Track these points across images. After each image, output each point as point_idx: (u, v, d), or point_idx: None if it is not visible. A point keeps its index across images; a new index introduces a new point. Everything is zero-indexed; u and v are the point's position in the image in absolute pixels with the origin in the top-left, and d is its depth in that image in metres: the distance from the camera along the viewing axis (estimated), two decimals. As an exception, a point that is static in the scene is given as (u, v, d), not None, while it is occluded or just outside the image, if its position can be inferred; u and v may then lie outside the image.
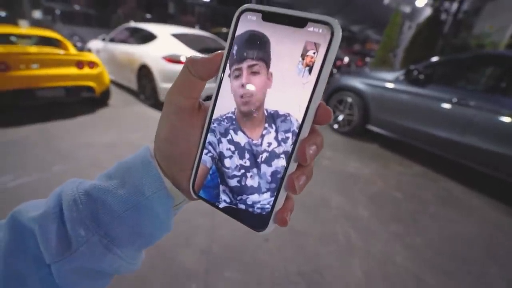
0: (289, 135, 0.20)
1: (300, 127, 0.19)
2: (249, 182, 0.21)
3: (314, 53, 0.18)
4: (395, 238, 2.02)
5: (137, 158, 0.25)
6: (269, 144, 0.20)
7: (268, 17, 0.19)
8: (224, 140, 0.22)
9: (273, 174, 0.20)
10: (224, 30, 6.87)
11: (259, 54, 0.20)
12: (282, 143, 0.20)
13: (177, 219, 1.27)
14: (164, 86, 3.79)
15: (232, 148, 0.22)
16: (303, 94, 0.18)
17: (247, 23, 0.20)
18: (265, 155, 0.21)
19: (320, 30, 0.18)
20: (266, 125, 0.20)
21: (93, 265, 0.23)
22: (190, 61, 0.22)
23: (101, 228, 0.23)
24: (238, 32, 0.21)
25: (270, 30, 0.19)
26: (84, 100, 3.76)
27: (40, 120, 3.28)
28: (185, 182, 0.24)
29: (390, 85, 3.44)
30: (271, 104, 0.20)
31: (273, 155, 0.20)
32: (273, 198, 0.21)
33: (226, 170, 0.22)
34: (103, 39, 5.44)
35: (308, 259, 1.74)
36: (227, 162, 0.22)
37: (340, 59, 8.66)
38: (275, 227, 0.22)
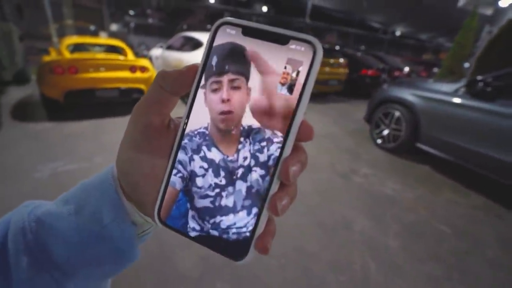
0: (270, 152, 0.18)
1: (283, 145, 0.18)
2: (224, 202, 0.19)
3: (296, 71, 0.18)
4: (429, 282, 1.67)
5: (97, 179, 0.23)
6: (246, 160, 0.19)
7: (248, 32, 0.19)
8: (196, 157, 0.20)
9: (252, 194, 0.19)
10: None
11: (240, 68, 0.19)
12: (262, 161, 0.19)
13: None
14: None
15: (206, 165, 0.20)
16: (286, 111, 0.18)
17: (226, 36, 0.19)
18: (241, 172, 0.19)
19: (303, 48, 0.17)
20: (242, 139, 0.19)
21: None
22: (161, 74, 0.21)
23: (52, 261, 0.20)
24: (215, 44, 0.20)
25: (250, 46, 0.19)
26: (135, 101, 4.17)
27: (96, 117, 3.75)
28: (151, 207, 0.21)
29: (447, 98, 2.95)
30: (249, 121, 0.19)
31: (251, 173, 0.19)
32: (251, 221, 0.19)
33: (198, 190, 0.20)
34: (161, 47, 6.01)
35: (312, 285, 1.55)
36: (199, 181, 0.20)
37: (398, 69, 7.88)
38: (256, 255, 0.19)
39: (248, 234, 0.19)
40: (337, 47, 7.32)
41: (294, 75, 0.18)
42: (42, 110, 3.79)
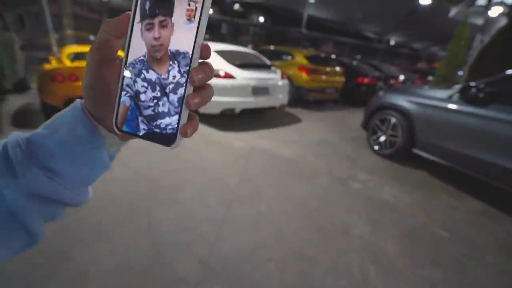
0: (186, 67, 0.25)
1: (191, 59, 0.25)
2: (161, 109, 0.26)
3: (194, 6, 0.24)
4: (428, 287, 1.67)
5: (68, 109, 0.29)
6: (174, 76, 0.26)
7: None
8: (138, 79, 0.27)
9: (178, 99, 0.26)
10: (272, 47, 7.03)
11: (166, 10, 0.25)
12: (183, 74, 0.25)
13: (181, 225, 1.56)
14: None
15: (146, 84, 0.26)
16: (191, 37, 0.25)
17: None
18: (171, 85, 0.26)
19: None
20: (171, 62, 0.26)
21: (40, 191, 0.27)
22: (104, 22, 0.26)
23: (43, 163, 0.27)
24: None
25: None
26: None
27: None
28: (111, 122, 0.28)
29: (441, 104, 3.01)
30: (171, 49, 0.25)
31: (177, 85, 0.26)
32: (177, 118, 0.26)
33: (142, 103, 0.27)
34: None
35: (312, 291, 1.54)
36: (142, 97, 0.27)
37: (393, 77, 8.01)
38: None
39: (175, 126, 0.26)
40: (333, 56, 7.45)
41: (193, 10, 0.24)
42: (42, 118, 3.80)
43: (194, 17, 0.24)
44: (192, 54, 0.25)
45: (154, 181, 2.49)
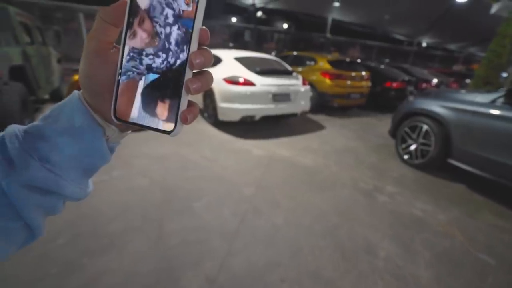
0: (185, 52, 0.25)
1: (189, 44, 0.24)
2: (160, 96, 0.25)
3: None
4: (469, 321, 1.42)
5: (66, 99, 0.28)
6: (172, 62, 0.25)
7: None
8: (136, 67, 0.26)
9: (177, 85, 0.25)
10: (295, 53, 6.93)
11: (159, 7, 0.24)
12: (181, 59, 0.25)
13: (193, 237, 1.58)
14: (222, 105, 3.98)
15: (144, 72, 0.25)
16: (189, 22, 0.24)
17: None
18: (170, 71, 0.25)
19: None
20: (169, 47, 0.25)
21: (39, 183, 0.26)
22: (101, 9, 0.26)
23: (41, 154, 0.26)
24: None
25: None
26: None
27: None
28: (108, 112, 0.27)
29: (482, 110, 2.68)
30: (170, 35, 0.25)
31: (176, 70, 0.25)
32: (177, 102, 0.25)
33: (141, 91, 0.26)
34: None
35: (329, 320, 1.38)
36: (140, 84, 0.26)
37: (425, 81, 7.47)
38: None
39: (175, 112, 0.25)
40: (359, 60, 7.14)
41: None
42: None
43: (192, 1, 0.24)
44: (191, 39, 0.24)
45: (169, 190, 2.47)
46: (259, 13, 11.33)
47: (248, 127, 4.42)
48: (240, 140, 3.91)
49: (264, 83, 3.96)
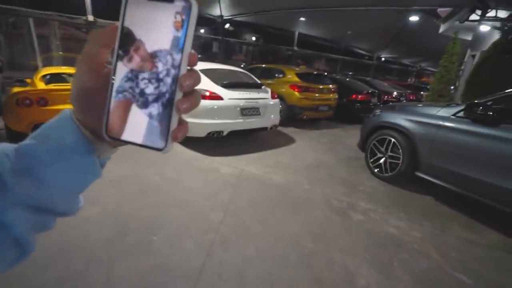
0: (175, 75, 0.25)
1: (179, 67, 0.25)
2: (151, 115, 0.26)
3: (181, 18, 0.24)
4: None
5: (58, 118, 0.29)
6: (163, 84, 0.25)
7: None
8: (127, 87, 0.26)
9: (168, 105, 0.25)
10: (264, 65, 6.90)
11: (154, 27, 0.25)
12: (172, 81, 0.25)
13: (148, 280, 1.24)
14: (188, 120, 3.70)
15: (135, 91, 0.26)
16: (179, 46, 0.25)
17: (135, 2, 0.25)
18: (160, 92, 0.25)
19: (184, 4, 0.24)
20: (159, 69, 0.25)
21: (30, 202, 0.27)
22: (92, 33, 0.27)
23: (33, 173, 0.26)
24: (129, 9, 0.25)
25: (150, 6, 0.25)
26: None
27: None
28: (100, 129, 0.27)
29: (445, 123, 2.76)
30: (160, 58, 0.25)
31: (166, 91, 0.25)
32: (168, 122, 0.26)
33: (132, 110, 0.26)
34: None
35: None
36: (132, 103, 0.26)
37: (386, 93, 7.90)
38: (172, 149, 0.27)
39: (166, 130, 0.26)
40: (326, 73, 7.34)
41: (180, 21, 0.24)
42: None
43: (182, 27, 0.24)
44: (181, 62, 0.25)
45: (124, 221, 2.13)
46: (227, 25, 11.31)
47: (216, 143, 4.18)
48: (207, 157, 3.65)
49: (232, 96, 3.79)
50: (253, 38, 20.40)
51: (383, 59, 19.04)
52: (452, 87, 7.47)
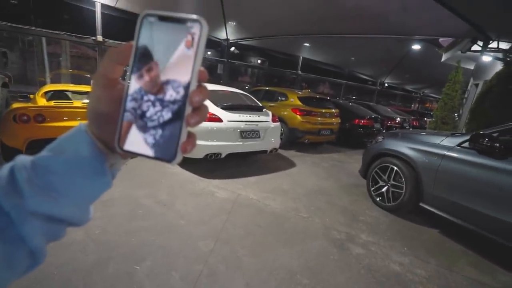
0: (186, 91, 0.26)
1: (189, 83, 0.26)
2: (162, 128, 0.27)
3: (192, 38, 0.26)
4: None
5: (74, 131, 0.30)
6: (174, 99, 0.26)
7: (162, 19, 0.27)
8: (140, 102, 0.27)
9: (178, 119, 0.27)
10: (266, 88, 6.98)
11: (166, 48, 0.26)
12: (182, 97, 0.26)
13: None
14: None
15: (147, 106, 0.27)
16: (190, 63, 0.26)
17: (149, 23, 0.27)
18: (171, 107, 0.26)
19: (195, 24, 0.26)
20: (171, 86, 0.26)
21: (45, 211, 0.28)
22: (109, 51, 0.29)
23: (49, 184, 0.28)
24: (144, 29, 0.27)
25: (163, 27, 0.27)
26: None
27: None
28: (114, 143, 0.29)
29: (450, 154, 2.66)
30: (172, 75, 0.26)
31: (177, 106, 0.26)
32: (178, 135, 0.27)
33: (144, 124, 0.27)
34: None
35: None
36: (144, 118, 0.27)
37: (389, 118, 7.86)
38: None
39: (176, 143, 0.27)
40: (328, 98, 7.38)
41: (191, 40, 0.26)
42: (2, 161, 3.41)
43: (192, 46, 0.26)
44: (191, 78, 0.26)
45: (107, 247, 2.01)
46: (233, 48, 11.65)
47: (214, 165, 4.10)
48: (203, 180, 3.55)
49: (231, 119, 3.76)
50: (259, 61, 20.98)
51: (386, 84, 19.26)
52: (456, 115, 7.43)
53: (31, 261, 0.29)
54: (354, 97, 18.39)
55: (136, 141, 0.28)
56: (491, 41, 5.23)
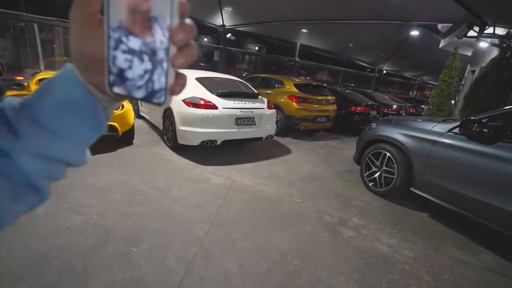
0: (167, 28, 0.24)
1: (170, 20, 0.24)
2: (148, 70, 0.25)
3: None
4: None
5: (60, 73, 0.29)
6: (156, 38, 0.24)
7: None
8: (124, 41, 0.25)
9: (163, 60, 0.25)
10: (263, 75, 6.93)
11: None
12: (164, 35, 0.24)
13: None
14: (182, 128, 3.68)
15: (132, 46, 0.25)
16: None
17: None
18: (155, 47, 0.25)
19: None
20: (150, 24, 0.24)
21: (43, 151, 0.28)
22: None
23: (41, 123, 0.27)
24: None
25: None
26: (108, 138, 3.82)
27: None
28: (103, 84, 0.27)
29: (440, 139, 2.70)
30: (153, 9, 0.24)
31: (160, 46, 0.25)
32: (165, 77, 0.26)
33: (130, 65, 0.25)
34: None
35: None
36: (129, 58, 0.25)
37: (386, 106, 7.87)
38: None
39: (164, 85, 0.26)
40: (325, 85, 7.34)
41: None
42: None
43: None
44: (172, 14, 0.24)
45: (105, 231, 2.07)
46: (229, 35, 11.44)
47: (210, 151, 4.14)
48: (199, 166, 3.59)
49: (227, 106, 3.76)
50: (256, 48, 20.66)
51: (384, 71, 19.11)
52: (452, 102, 7.45)
53: (37, 198, 0.30)
54: (352, 84, 18.25)
55: (125, 83, 0.26)
56: (487, 27, 5.19)
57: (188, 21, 0.25)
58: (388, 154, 3.20)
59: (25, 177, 0.28)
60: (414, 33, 9.36)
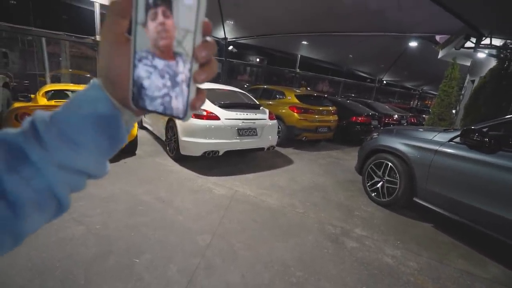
0: (191, 46, 0.26)
1: (194, 39, 0.25)
2: (171, 86, 0.27)
3: None
4: None
5: (88, 88, 0.31)
6: (180, 55, 0.26)
7: None
8: (148, 57, 0.27)
9: (186, 76, 0.27)
10: (264, 86, 7.03)
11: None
12: (187, 53, 0.26)
13: None
14: (184, 139, 3.72)
15: (156, 63, 0.27)
16: (193, 16, 0.25)
17: None
18: (178, 64, 0.26)
19: None
20: (175, 42, 0.26)
21: (67, 163, 0.29)
22: (111, 3, 0.28)
23: (67, 137, 0.29)
24: None
25: None
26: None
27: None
28: (127, 99, 0.29)
29: (441, 149, 2.71)
30: (178, 28, 0.25)
31: (184, 63, 0.26)
32: (187, 93, 0.27)
33: (154, 81, 0.27)
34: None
35: None
36: (154, 74, 0.27)
37: (387, 116, 7.91)
38: None
39: (185, 100, 0.27)
40: (325, 96, 7.41)
41: None
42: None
43: None
44: (195, 33, 0.25)
45: (108, 241, 2.07)
46: (231, 47, 11.68)
47: (212, 162, 4.16)
48: (202, 177, 3.61)
49: (229, 117, 3.81)
50: (257, 60, 20.99)
51: (385, 82, 19.28)
52: (453, 111, 7.48)
53: (57, 209, 0.31)
54: (352, 95, 18.41)
55: (149, 98, 0.28)
56: (483, 38, 5.27)
57: (209, 38, 0.27)
58: (390, 164, 3.20)
59: (50, 187, 0.29)
60: (413, 44, 9.50)
